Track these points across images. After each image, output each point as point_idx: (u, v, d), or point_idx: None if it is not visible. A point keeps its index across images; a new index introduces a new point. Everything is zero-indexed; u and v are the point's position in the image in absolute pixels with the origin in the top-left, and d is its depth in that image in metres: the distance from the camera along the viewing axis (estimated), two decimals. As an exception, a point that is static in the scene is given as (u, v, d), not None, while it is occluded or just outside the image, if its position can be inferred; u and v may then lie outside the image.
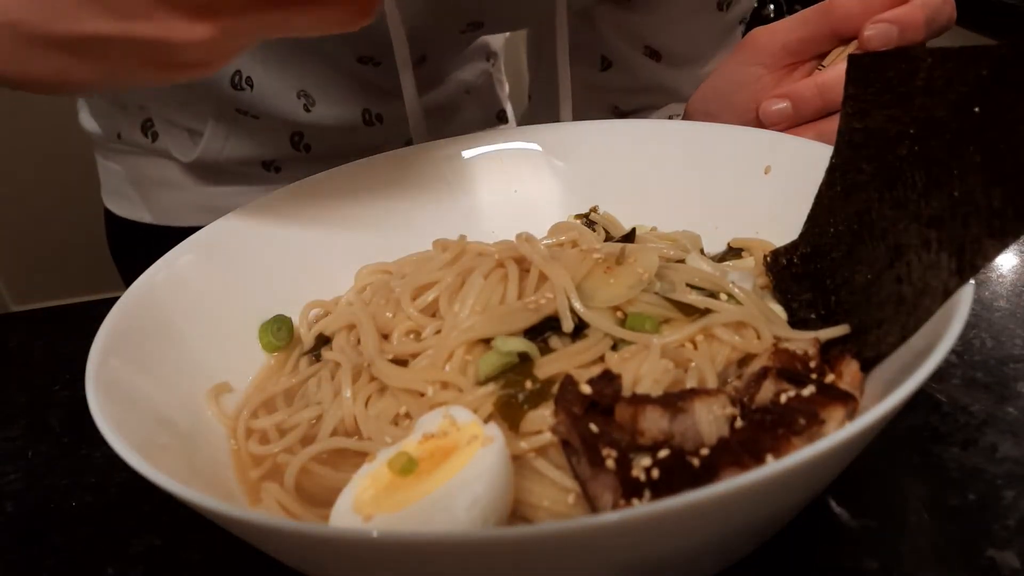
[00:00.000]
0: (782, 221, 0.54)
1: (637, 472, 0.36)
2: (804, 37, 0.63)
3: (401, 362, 0.48)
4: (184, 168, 0.91)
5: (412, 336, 0.50)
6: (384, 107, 0.89)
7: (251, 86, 0.82)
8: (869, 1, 0.60)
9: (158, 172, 0.93)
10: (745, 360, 0.46)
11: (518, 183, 0.66)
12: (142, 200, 0.96)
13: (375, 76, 0.85)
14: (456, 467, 0.38)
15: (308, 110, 0.85)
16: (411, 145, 0.67)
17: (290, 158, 0.90)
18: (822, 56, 0.65)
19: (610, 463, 0.37)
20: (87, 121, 0.95)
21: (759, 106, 0.65)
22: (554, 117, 0.84)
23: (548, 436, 0.41)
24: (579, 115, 0.93)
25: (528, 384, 0.43)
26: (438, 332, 0.48)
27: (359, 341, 0.50)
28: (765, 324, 0.46)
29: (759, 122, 0.65)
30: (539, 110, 1.02)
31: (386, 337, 0.50)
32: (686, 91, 0.91)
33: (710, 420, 0.40)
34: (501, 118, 1.09)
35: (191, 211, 0.93)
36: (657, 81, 0.90)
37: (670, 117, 0.88)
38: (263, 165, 0.91)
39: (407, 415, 0.46)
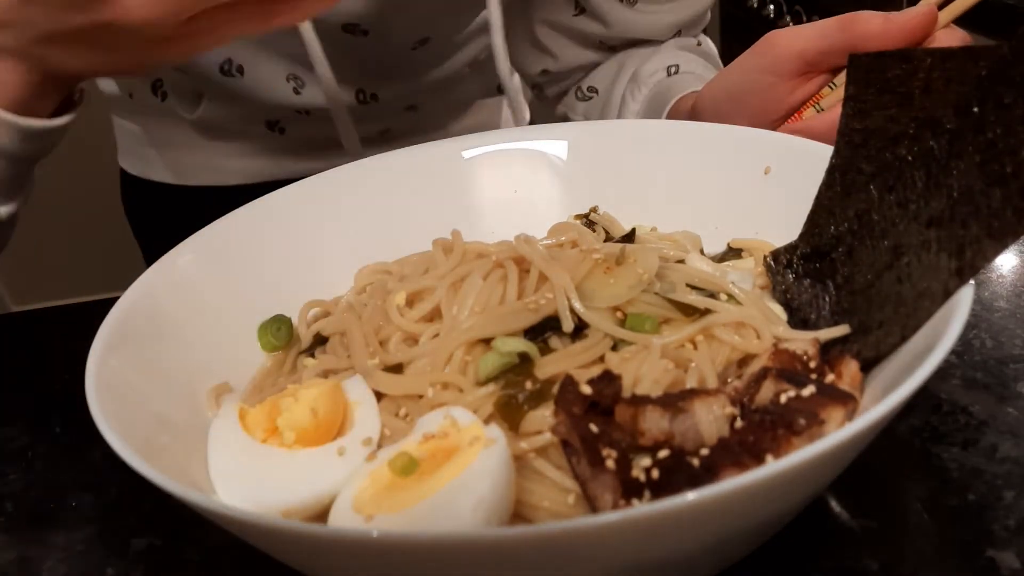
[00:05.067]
0: (782, 221, 0.54)
1: (637, 472, 0.36)
2: (822, 49, 0.63)
3: (397, 366, 0.48)
4: (192, 127, 0.95)
5: (408, 342, 0.50)
6: (374, 88, 0.91)
7: (241, 73, 0.85)
8: (889, 24, 0.60)
9: (168, 131, 0.97)
10: (745, 360, 0.46)
11: (518, 183, 0.66)
12: (154, 159, 1.00)
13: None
14: (458, 468, 0.38)
15: (298, 92, 0.88)
16: (405, 142, 0.67)
17: (292, 118, 0.93)
18: (837, 70, 0.64)
19: (610, 463, 0.37)
20: (105, 83, 1.00)
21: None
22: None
23: (548, 436, 0.41)
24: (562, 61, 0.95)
25: (528, 384, 0.43)
26: (436, 336, 0.48)
27: (357, 343, 0.50)
28: (765, 324, 0.46)
29: (771, 127, 0.65)
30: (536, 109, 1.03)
31: (382, 344, 0.50)
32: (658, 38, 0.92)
33: (710, 420, 0.40)
34: (500, 90, 1.10)
35: (201, 170, 0.98)
36: (631, 30, 0.91)
37: (668, 70, 0.87)
38: (267, 125, 0.94)
39: (406, 416, 0.46)
